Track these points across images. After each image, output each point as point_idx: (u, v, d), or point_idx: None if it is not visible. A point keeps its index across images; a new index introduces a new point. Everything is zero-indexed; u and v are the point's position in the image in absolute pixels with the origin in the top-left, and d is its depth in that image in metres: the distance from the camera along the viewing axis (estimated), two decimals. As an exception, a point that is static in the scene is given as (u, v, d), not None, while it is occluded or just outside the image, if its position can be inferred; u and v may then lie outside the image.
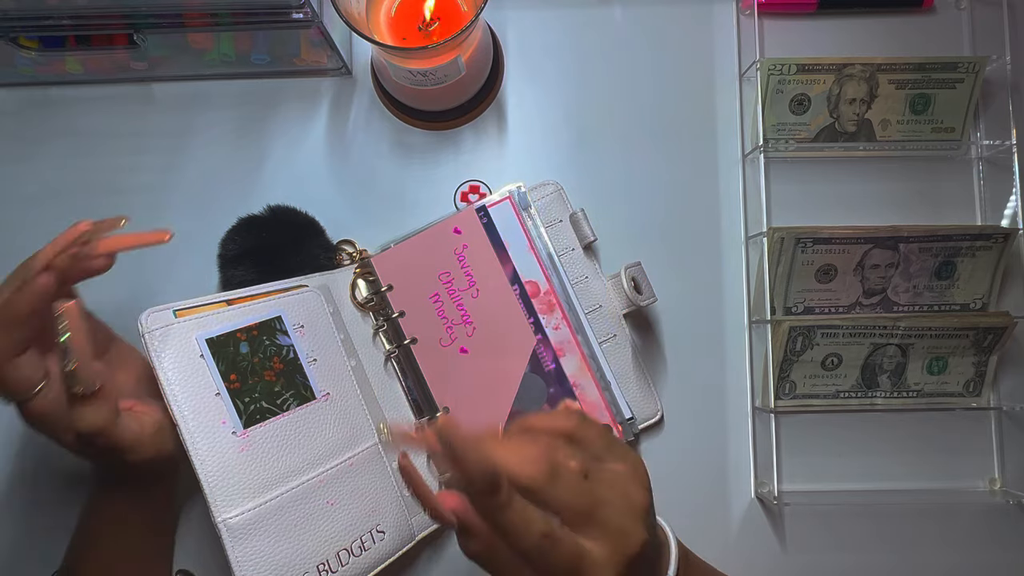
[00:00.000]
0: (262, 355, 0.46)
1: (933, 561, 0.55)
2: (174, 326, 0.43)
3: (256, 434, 0.44)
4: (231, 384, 0.44)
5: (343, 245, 0.55)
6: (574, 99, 0.58)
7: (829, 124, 0.57)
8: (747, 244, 0.57)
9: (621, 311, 0.53)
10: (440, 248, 0.53)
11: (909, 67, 0.56)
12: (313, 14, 0.50)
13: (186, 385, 0.43)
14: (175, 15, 0.50)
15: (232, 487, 0.42)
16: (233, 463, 0.43)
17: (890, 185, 0.58)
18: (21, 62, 0.54)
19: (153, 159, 0.57)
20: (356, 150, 0.58)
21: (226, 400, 0.44)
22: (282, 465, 0.44)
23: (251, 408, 0.44)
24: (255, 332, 0.46)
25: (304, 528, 0.44)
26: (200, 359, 0.44)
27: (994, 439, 0.56)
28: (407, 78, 0.52)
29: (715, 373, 0.56)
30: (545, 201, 0.55)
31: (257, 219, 0.54)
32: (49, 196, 0.57)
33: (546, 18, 0.59)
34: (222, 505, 0.42)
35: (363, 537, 0.46)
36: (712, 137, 0.58)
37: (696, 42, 0.59)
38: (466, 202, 0.57)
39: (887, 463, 0.56)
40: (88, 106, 0.58)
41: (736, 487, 0.55)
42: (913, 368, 0.55)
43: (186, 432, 0.42)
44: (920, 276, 0.55)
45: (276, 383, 0.46)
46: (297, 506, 0.44)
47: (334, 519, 0.45)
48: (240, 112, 0.58)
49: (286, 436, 0.45)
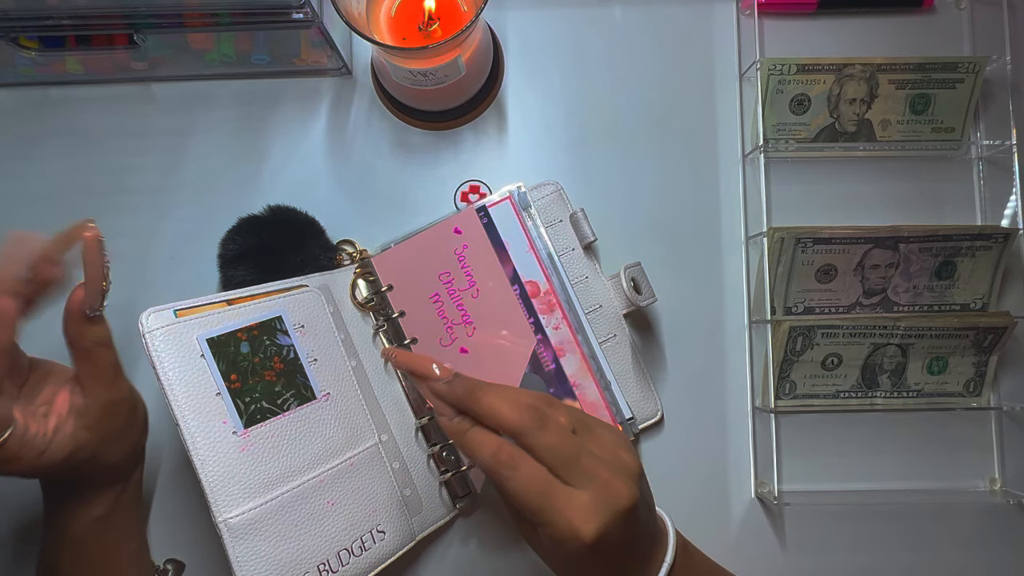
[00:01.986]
0: (263, 355, 0.46)
1: (933, 561, 0.55)
2: (175, 326, 0.43)
3: (257, 434, 0.44)
4: (232, 384, 0.44)
5: (343, 245, 0.55)
6: (574, 99, 0.58)
7: (829, 124, 0.57)
8: (747, 244, 0.57)
9: (621, 311, 0.53)
10: (440, 248, 0.53)
11: (909, 67, 0.56)
12: (313, 14, 0.50)
13: (187, 385, 0.43)
14: (175, 15, 0.50)
15: (233, 487, 0.42)
16: (234, 463, 0.43)
17: (890, 185, 0.58)
18: (21, 62, 0.54)
19: (153, 159, 0.57)
20: (356, 150, 0.58)
21: (227, 400, 0.44)
22: (283, 465, 0.44)
23: (252, 408, 0.44)
24: (255, 332, 0.46)
25: (305, 528, 0.44)
26: (201, 359, 0.43)
27: (994, 439, 0.56)
28: (407, 78, 0.52)
29: (715, 373, 0.56)
30: (545, 201, 0.55)
31: (257, 219, 0.54)
32: (49, 196, 0.57)
33: (546, 18, 0.59)
34: (223, 505, 0.42)
35: (363, 537, 0.46)
36: (712, 137, 0.58)
37: (696, 42, 0.59)
38: (466, 202, 0.57)
39: (887, 463, 0.56)
40: (88, 106, 0.58)
41: (736, 487, 0.55)
42: (913, 368, 0.55)
43: (187, 432, 0.42)
44: (920, 276, 0.55)
45: (276, 383, 0.46)
46: (298, 506, 0.44)
47: (334, 519, 0.45)
48: (240, 112, 0.58)
49: (286, 436, 0.45)
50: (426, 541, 0.51)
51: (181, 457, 0.54)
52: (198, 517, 0.53)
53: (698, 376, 0.56)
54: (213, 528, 0.42)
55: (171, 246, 0.57)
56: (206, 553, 0.53)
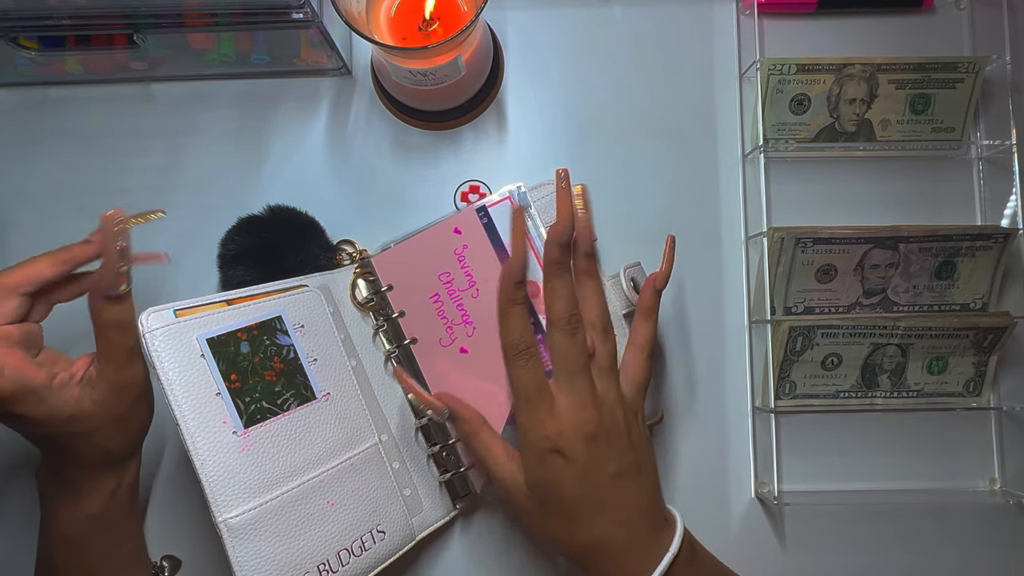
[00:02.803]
0: (263, 355, 0.46)
1: (933, 561, 0.55)
2: (174, 326, 0.43)
3: (257, 434, 0.44)
4: (232, 384, 0.44)
5: (343, 245, 0.55)
6: (574, 99, 0.58)
7: (829, 124, 0.57)
8: (747, 244, 0.57)
9: (621, 311, 0.53)
10: (440, 248, 0.53)
11: (909, 67, 0.56)
12: (313, 14, 0.50)
13: (187, 385, 0.42)
14: (175, 15, 0.50)
15: (233, 487, 0.42)
16: (234, 463, 0.43)
17: (890, 185, 0.58)
18: (21, 62, 0.54)
19: (153, 159, 0.57)
20: (356, 150, 0.58)
21: (227, 400, 0.43)
22: (283, 465, 0.44)
23: (252, 408, 0.44)
24: (255, 332, 0.46)
25: (305, 528, 0.44)
26: (201, 359, 0.43)
27: (994, 439, 0.56)
28: (407, 78, 0.52)
29: (715, 373, 0.56)
30: (545, 201, 0.55)
31: (257, 219, 0.54)
32: (49, 196, 0.57)
33: (546, 18, 0.59)
34: (223, 505, 0.42)
35: (363, 537, 0.46)
36: (712, 137, 0.58)
37: (696, 42, 0.59)
38: (466, 202, 0.57)
39: (887, 463, 0.56)
40: (88, 106, 0.58)
41: (736, 487, 0.55)
42: (913, 368, 0.55)
43: (187, 432, 0.42)
44: (920, 276, 0.55)
45: (276, 383, 0.46)
46: (298, 506, 0.44)
47: (335, 519, 0.45)
48: (240, 112, 0.58)
49: (287, 436, 0.45)
50: (426, 541, 0.51)
51: (181, 456, 0.54)
52: (196, 515, 0.53)
53: (698, 376, 0.56)
54: (211, 527, 0.42)
55: (171, 246, 0.56)
56: (204, 551, 0.53)
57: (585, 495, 0.41)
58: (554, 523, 0.42)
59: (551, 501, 0.42)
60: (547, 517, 0.42)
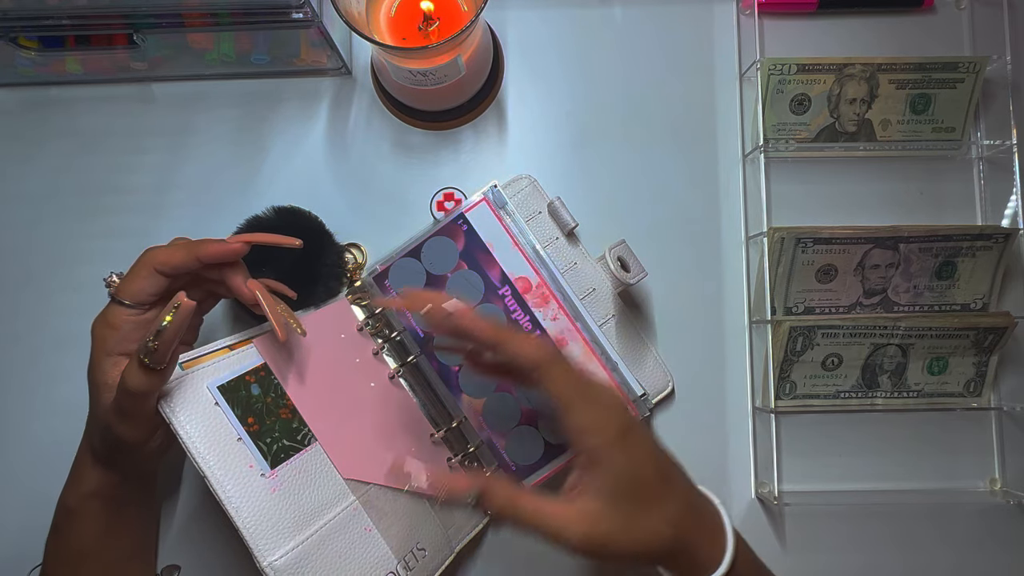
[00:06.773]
0: (274, 394, 0.45)
1: (933, 561, 0.55)
2: (183, 378, 0.42)
3: (284, 472, 0.43)
4: (250, 427, 0.43)
5: (351, 249, 0.55)
6: (574, 99, 0.58)
7: (829, 124, 0.57)
8: (747, 244, 0.57)
9: (614, 291, 0.53)
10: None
11: (909, 67, 0.56)
12: (313, 14, 0.50)
13: (207, 435, 0.41)
14: (175, 15, 0.50)
15: (271, 529, 0.41)
16: (268, 505, 0.41)
17: (890, 185, 0.58)
18: (21, 62, 0.54)
19: (153, 159, 0.57)
20: (356, 150, 0.58)
21: (248, 444, 0.43)
22: (315, 499, 0.44)
23: (274, 448, 0.44)
24: (262, 373, 0.45)
25: (348, 557, 0.43)
26: (215, 407, 0.42)
27: (994, 439, 0.56)
28: (407, 78, 0.52)
29: (715, 373, 0.56)
30: (521, 196, 0.55)
31: (263, 221, 0.53)
32: (49, 196, 0.57)
33: (546, 18, 0.59)
34: (265, 549, 0.40)
35: (406, 557, 0.46)
36: (712, 137, 0.58)
37: (696, 42, 0.59)
38: (443, 211, 0.56)
39: (887, 463, 0.56)
40: (88, 106, 0.58)
41: (736, 487, 0.55)
42: (913, 368, 0.55)
43: (215, 482, 0.40)
44: (920, 276, 0.55)
45: (293, 419, 0.45)
46: (337, 537, 0.43)
47: (375, 544, 0.45)
48: (240, 112, 0.58)
49: (313, 470, 0.45)
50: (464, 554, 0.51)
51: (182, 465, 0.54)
52: (196, 519, 0.53)
53: (698, 376, 0.56)
54: (211, 531, 0.41)
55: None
56: (205, 552, 0.53)
57: (659, 468, 0.41)
58: (650, 515, 0.39)
59: (637, 491, 0.39)
60: (640, 513, 0.39)
